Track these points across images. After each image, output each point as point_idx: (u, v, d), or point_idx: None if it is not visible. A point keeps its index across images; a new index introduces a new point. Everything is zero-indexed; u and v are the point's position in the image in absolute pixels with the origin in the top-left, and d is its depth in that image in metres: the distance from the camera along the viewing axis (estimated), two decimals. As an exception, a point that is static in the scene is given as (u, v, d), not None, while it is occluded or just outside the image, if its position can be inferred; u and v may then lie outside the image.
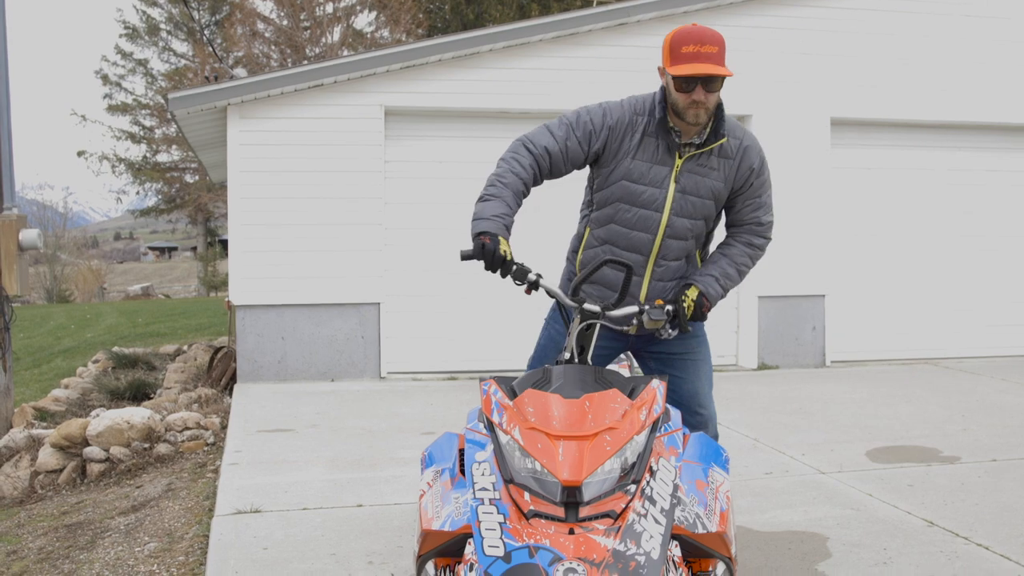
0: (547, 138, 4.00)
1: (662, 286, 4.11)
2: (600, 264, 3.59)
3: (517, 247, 4.12)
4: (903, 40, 12.04)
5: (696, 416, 4.27)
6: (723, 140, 3.97)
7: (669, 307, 3.81)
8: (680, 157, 3.97)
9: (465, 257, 3.63)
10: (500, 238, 3.64)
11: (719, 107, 3.95)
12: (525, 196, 3.93)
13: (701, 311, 3.91)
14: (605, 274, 4.11)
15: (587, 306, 3.56)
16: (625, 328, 4.16)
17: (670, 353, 4.25)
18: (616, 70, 11.00)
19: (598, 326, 3.58)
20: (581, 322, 3.54)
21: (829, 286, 11.98)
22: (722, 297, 4.06)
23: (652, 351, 4.29)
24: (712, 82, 3.78)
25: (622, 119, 4.01)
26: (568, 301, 3.62)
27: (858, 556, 4.98)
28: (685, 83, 3.78)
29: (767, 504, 5.96)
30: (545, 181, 4.08)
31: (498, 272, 3.60)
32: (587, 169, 4.21)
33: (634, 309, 3.75)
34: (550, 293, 3.67)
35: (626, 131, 4.01)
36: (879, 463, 7.02)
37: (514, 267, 3.61)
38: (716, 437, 4.30)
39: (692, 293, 3.95)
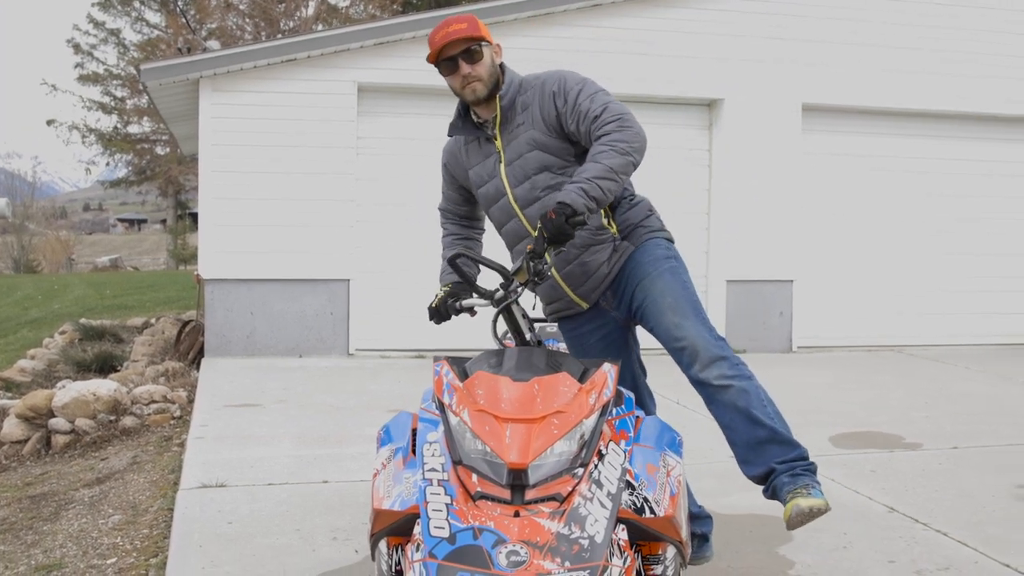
0: (441, 199, 4.44)
1: (566, 251, 3.93)
2: (451, 264, 3.79)
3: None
4: (876, 27, 12.09)
5: (681, 355, 3.87)
6: (503, 100, 3.95)
7: (533, 247, 3.53)
8: (496, 139, 3.99)
9: (434, 322, 4.06)
10: (441, 289, 4.05)
11: (504, 73, 4.01)
12: (465, 236, 4.39)
13: (550, 222, 3.45)
14: (545, 289, 4.15)
15: (497, 296, 3.61)
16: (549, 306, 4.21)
17: (636, 310, 4.03)
18: (591, 51, 11.02)
19: (518, 306, 3.64)
20: (497, 309, 3.62)
21: (797, 272, 12.05)
22: (581, 191, 3.54)
23: (633, 317, 4.10)
24: (470, 53, 3.85)
25: (448, 148, 4.26)
26: (481, 302, 3.75)
27: (819, 540, 5.03)
28: (446, 65, 3.88)
29: (730, 487, 5.99)
30: (476, 216, 4.43)
31: (443, 320, 4.02)
32: None
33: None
34: (476, 305, 3.87)
35: (455, 155, 4.20)
36: (842, 448, 7.08)
37: (444, 308, 3.96)
38: (718, 361, 3.84)
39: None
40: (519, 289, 3.55)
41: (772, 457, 3.82)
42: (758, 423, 3.84)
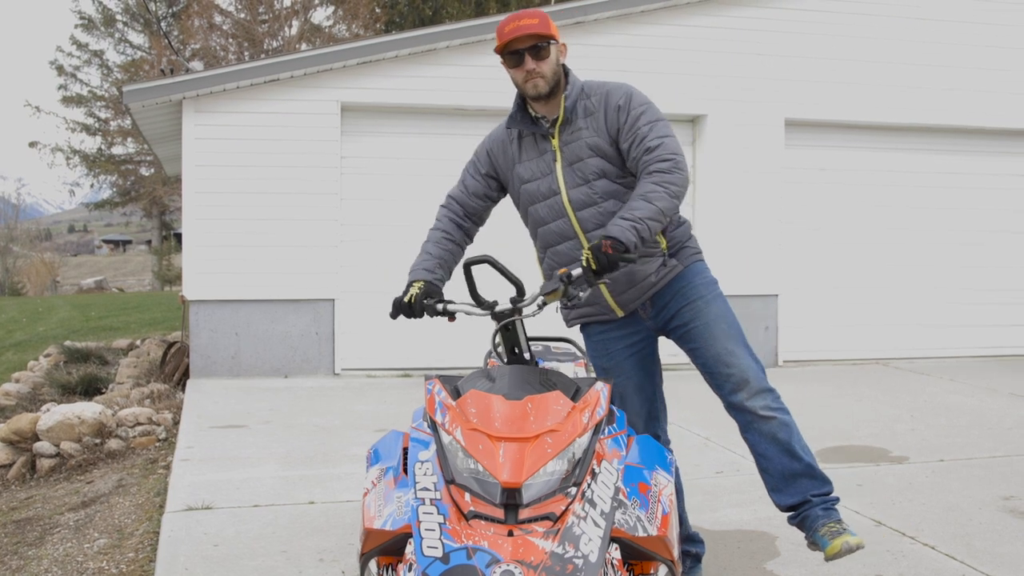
0: (455, 187, 4.31)
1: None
2: (466, 268, 3.61)
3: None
4: (858, 42, 12.16)
5: (728, 380, 4.04)
6: (567, 100, 4.01)
7: (570, 271, 3.55)
8: (553, 137, 4.03)
9: (393, 316, 3.86)
10: (412, 284, 3.86)
11: (568, 75, 4.06)
12: (455, 240, 4.18)
13: (605, 256, 3.49)
14: (593, 294, 4.11)
15: (498, 308, 3.59)
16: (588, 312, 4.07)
17: (679, 326, 4.13)
18: (575, 68, 10.93)
19: (522, 323, 3.59)
20: (499, 324, 3.57)
21: (782, 286, 12.06)
22: (634, 230, 3.61)
23: (670, 330, 4.19)
24: (538, 49, 3.89)
25: (497, 137, 4.22)
26: (479, 311, 3.66)
27: (806, 555, 5.03)
28: (512, 57, 3.92)
29: (717, 503, 6.01)
30: (482, 219, 4.32)
31: (412, 317, 3.79)
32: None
33: (538, 291, 3.60)
34: (465, 312, 3.73)
35: (504, 146, 4.18)
36: (829, 463, 7.07)
37: (422, 306, 3.77)
38: (764, 392, 4.05)
39: (587, 246, 3.74)
40: (543, 307, 3.58)
41: (807, 490, 4.09)
42: (795, 457, 4.08)
